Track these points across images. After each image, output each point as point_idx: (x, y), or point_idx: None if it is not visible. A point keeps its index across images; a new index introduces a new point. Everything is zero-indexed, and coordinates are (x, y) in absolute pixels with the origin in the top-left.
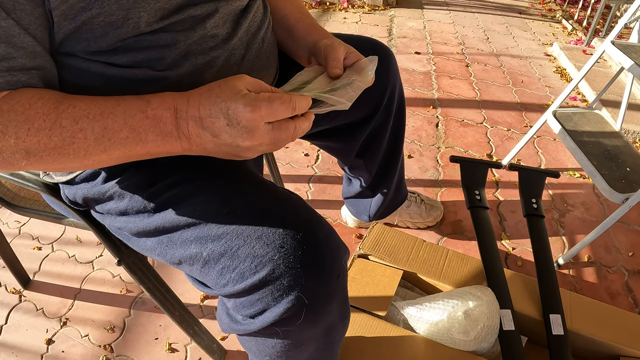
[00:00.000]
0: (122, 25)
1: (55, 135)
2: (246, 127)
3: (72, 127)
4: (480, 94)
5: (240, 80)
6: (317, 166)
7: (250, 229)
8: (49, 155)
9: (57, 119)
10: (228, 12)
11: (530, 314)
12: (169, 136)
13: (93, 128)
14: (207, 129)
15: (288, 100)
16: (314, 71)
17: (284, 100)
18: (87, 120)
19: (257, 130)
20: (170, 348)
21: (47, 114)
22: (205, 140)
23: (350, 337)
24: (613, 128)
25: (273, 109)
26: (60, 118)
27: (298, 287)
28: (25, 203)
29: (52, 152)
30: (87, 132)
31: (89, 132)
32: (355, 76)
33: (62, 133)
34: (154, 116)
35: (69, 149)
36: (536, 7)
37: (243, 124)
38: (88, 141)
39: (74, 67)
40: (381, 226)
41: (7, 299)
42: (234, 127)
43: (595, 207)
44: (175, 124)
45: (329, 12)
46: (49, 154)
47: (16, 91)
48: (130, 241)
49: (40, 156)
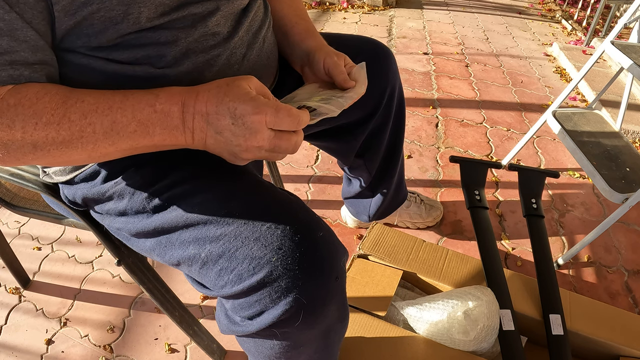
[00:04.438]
0: (122, 20)
1: (64, 130)
2: (250, 128)
3: (80, 121)
4: (480, 94)
5: (249, 81)
6: (317, 166)
7: (248, 230)
8: (57, 149)
9: (65, 113)
10: (229, 10)
11: (530, 314)
12: (175, 130)
13: (102, 122)
14: (212, 125)
15: (295, 114)
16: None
17: (291, 113)
18: (95, 115)
19: (260, 133)
20: (170, 348)
21: (55, 108)
22: (208, 135)
23: (350, 338)
24: (613, 128)
25: (278, 118)
26: (68, 112)
27: (296, 289)
28: (25, 203)
29: (60, 145)
30: (96, 126)
31: (98, 126)
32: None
33: (71, 127)
34: (162, 110)
35: (77, 143)
36: (536, 7)
37: (247, 125)
38: (97, 135)
39: (74, 63)
40: (381, 226)
41: (6, 299)
42: (238, 127)
43: (595, 207)
44: (182, 118)
45: (329, 12)
46: (57, 148)
47: (22, 85)
48: (130, 242)
49: (47, 150)
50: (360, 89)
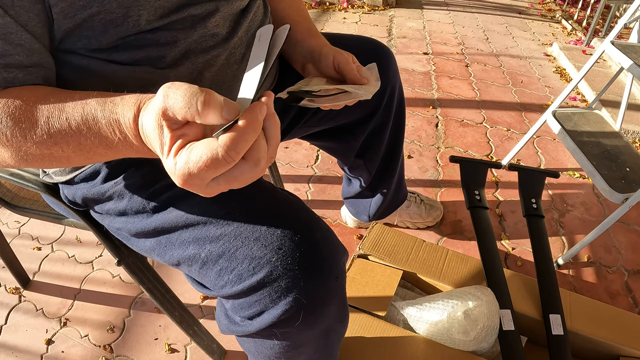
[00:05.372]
0: (122, 23)
1: (31, 144)
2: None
3: (48, 139)
4: (479, 94)
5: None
6: (316, 166)
7: (248, 230)
8: (38, 161)
9: (32, 127)
10: (228, 11)
11: (530, 314)
12: (148, 153)
13: (68, 142)
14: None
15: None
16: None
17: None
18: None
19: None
20: (170, 348)
21: (29, 118)
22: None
23: (350, 338)
24: (613, 128)
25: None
26: (34, 128)
27: (296, 289)
28: (25, 203)
29: (37, 158)
30: (63, 146)
31: (65, 146)
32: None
33: (43, 141)
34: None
35: (49, 159)
36: (536, 7)
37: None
38: (66, 152)
39: (74, 64)
40: (381, 226)
41: (6, 299)
42: None
43: (595, 207)
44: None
45: (329, 12)
46: (36, 160)
47: (7, 90)
48: (130, 241)
49: (26, 160)
50: (374, 87)
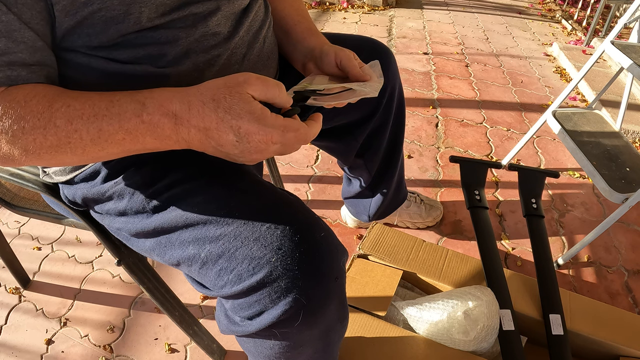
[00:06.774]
0: (123, 20)
1: (51, 135)
2: (256, 147)
3: (66, 127)
4: (479, 94)
5: (248, 86)
6: (316, 166)
7: (248, 230)
8: (47, 153)
9: (51, 118)
10: (230, 10)
11: (530, 314)
12: (167, 139)
13: (88, 129)
14: (213, 139)
15: (303, 134)
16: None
17: (299, 133)
18: (81, 122)
19: (265, 151)
20: (170, 348)
21: (41, 112)
22: (207, 146)
23: (350, 338)
24: (613, 128)
25: (286, 138)
26: (54, 117)
27: (296, 289)
28: (25, 203)
29: (49, 149)
30: (82, 133)
31: (84, 133)
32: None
33: (57, 132)
34: (150, 121)
35: (65, 148)
36: (536, 7)
37: (253, 144)
38: (84, 141)
39: (74, 62)
40: (381, 226)
41: (6, 299)
42: (243, 144)
43: (595, 207)
44: (175, 129)
45: (329, 12)
46: (47, 152)
47: (13, 88)
48: (129, 242)
49: (37, 153)
50: (378, 84)
